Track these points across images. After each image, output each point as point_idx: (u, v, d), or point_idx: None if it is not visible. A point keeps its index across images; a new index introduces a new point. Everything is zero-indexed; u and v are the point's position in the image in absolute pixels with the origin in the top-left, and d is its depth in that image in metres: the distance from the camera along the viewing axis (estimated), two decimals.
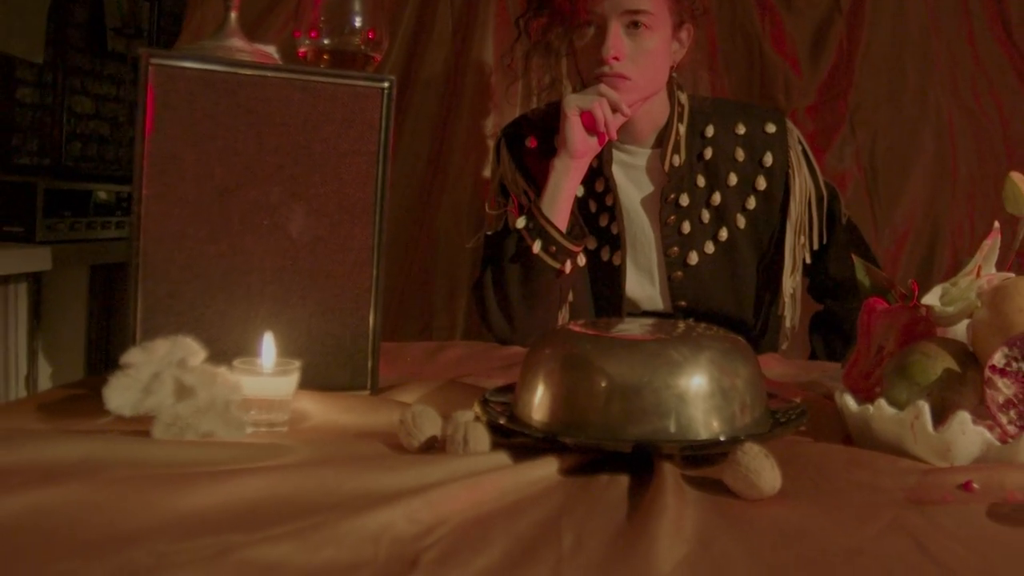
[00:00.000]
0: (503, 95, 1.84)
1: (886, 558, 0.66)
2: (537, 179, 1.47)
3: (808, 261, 1.56)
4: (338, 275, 1.01)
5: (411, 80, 1.94)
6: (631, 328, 0.97)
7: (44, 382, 2.43)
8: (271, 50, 1.03)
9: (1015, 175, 0.96)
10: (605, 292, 1.54)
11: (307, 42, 1.06)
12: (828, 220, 1.57)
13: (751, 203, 1.53)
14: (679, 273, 1.54)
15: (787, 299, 1.55)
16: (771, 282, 1.57)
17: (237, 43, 1.00)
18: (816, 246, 1.56)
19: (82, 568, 0.57)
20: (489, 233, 1.49)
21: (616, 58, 1.36)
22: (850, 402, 0.95)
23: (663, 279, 1.55)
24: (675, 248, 1.53)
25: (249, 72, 0.96)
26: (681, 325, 0.98)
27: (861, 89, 1.98)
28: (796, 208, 1.54)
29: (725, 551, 0.66)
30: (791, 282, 1.55)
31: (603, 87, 1.37)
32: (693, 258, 1.53)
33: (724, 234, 1.54)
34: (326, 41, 1.06)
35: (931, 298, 0.98)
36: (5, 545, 0.60)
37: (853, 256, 1.10)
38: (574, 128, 1.38)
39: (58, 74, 3.01)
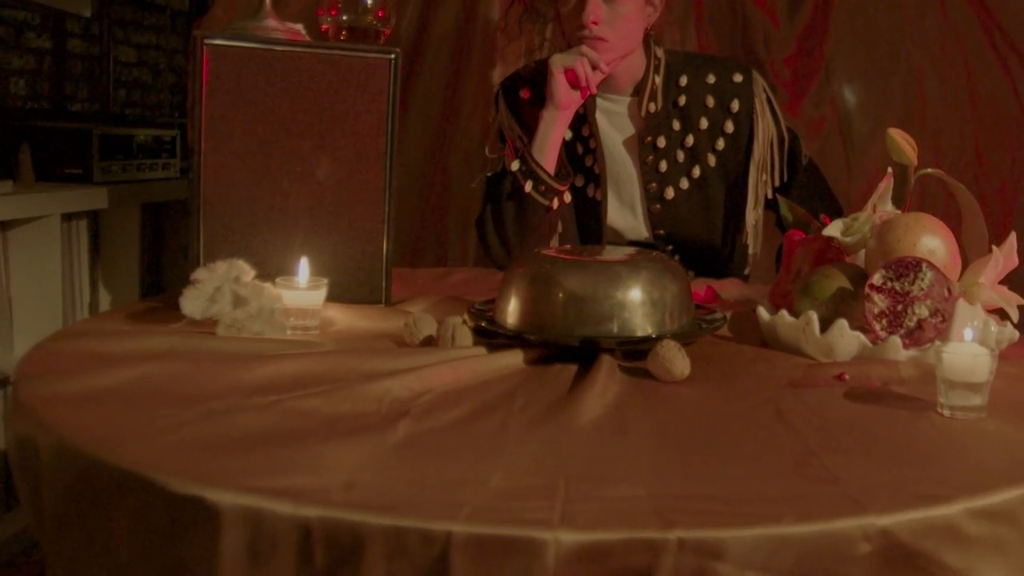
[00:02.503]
0: (505, 51, 2.06)
1: (750, 422, 0.91)
2: (530, 126, 1.70)
3: (771, 196, 1.78)
4: (357, 211, 1.26)
5: (426, 36, 2.16)
6: (593, 253, 1.21)
7: (104, 307, 2.72)
8: (299, 27, 1.26)
9: (892, 131, 1.18)
10: (590, 224, 1.78)
11: (328, 19, 1.29)
12: (790, 160, 1.78)
13: (720, 144, 1.75)
14: (657, 206, 1.77)
15: (750, 229, 1.78)
16: (737, 214, 1.79)
17: (272, 23, 1.23)
18: (778, 183, 1.77)
19: (177, 412, 0.83)
20: (489, 174, 1.72)
21: (595, 23, 1.58)
22: (763, 313, 1.19)
23: (644, 211, 1.78)
24: (653, 184, 1.76)
25: (282, 48, 1.20)
26: (632, 252, 1.21)
27: (836, 40, 2.17)
28: (759, 149, 1.75)
29: (632, 413, 0.91)
30: (754, 215, 1.77)
31: (584, 48, 1.59)
32: (670, 193, 1.76)
33: (696, 172, 1.76)
34: (344, 18, 1.29)
35: (833, 230, 1.21)
36: (125, 400, 0.86)
37: (778, 196, 1.32)
38: (559, 83, 1.61)
39: (103, 26, 3.25)
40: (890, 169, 1.23)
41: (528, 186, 1.64)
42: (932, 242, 1.14)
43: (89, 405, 0.85)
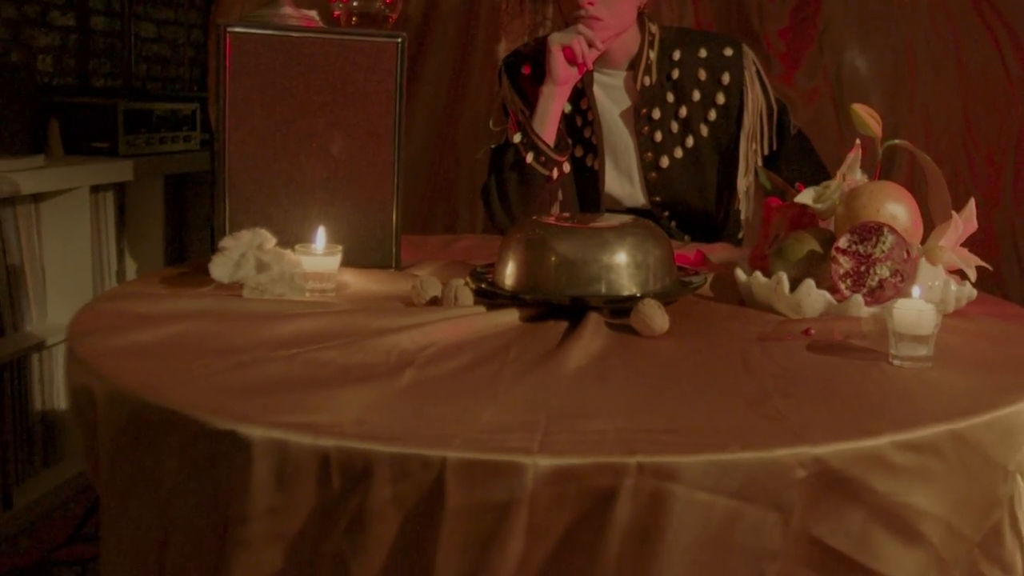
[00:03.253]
0: (509, 28, 2.16)
1: (716, 370, 1.02)
2: (531, 101, 1.80)
3: (761, 164, 1.88)
4: (368, 183, 1.37)
5: (434, 14, 2.26)
6: (586, 220, 1.32)
7: (131, 275, 2.85)
8: (313, 14, 1.37)
9: (856, 106, 1.28)
10: (589, 192, 1.89)
11: (339, 6, 1.39)
12: (779, 130, 1.88)
13: (712, 115, 1.85)
14: (653, 174, 1.87)
15: (742, 196, 1.88)
16: (729, 181, 1.90)
17: (288, 11, 1.34)
18: (767, 151, 1.87)
19: (212, 363, 0.95)
20: (493, 146, 1.83)
21: (590, 3, 1.67)
22: (740, 274, 1.30)
23: (641, 180, 1.88)
24: (649, 153, 1.86)
25: (298, 35, 1.31)
26: (623, 219, 1.32)
27: (829, 13, 2.25)
28: (749, 119, 1.85)
29: (613, 362, 1.02)
30: (744, 182, 1.87)
31: (581, 27, 1.69)
32: (664, 162, 1.86)
33: (690, 141, 1.86)
34: (354, 4, 1.40)
35: (806, 197, 1.31)
36: (166, 353, 0.99)
37: (756, 166, 1.42)
38: (557, 60, 1.71)
39: (125, 2, 3.35)
40: (858, 141, 1.32)
41: (529, 157, 1.74)
42: (895, 208, 1.25)
43: (135, 357, 0.97)
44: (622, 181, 1.89)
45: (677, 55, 1.84)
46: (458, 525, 0.76)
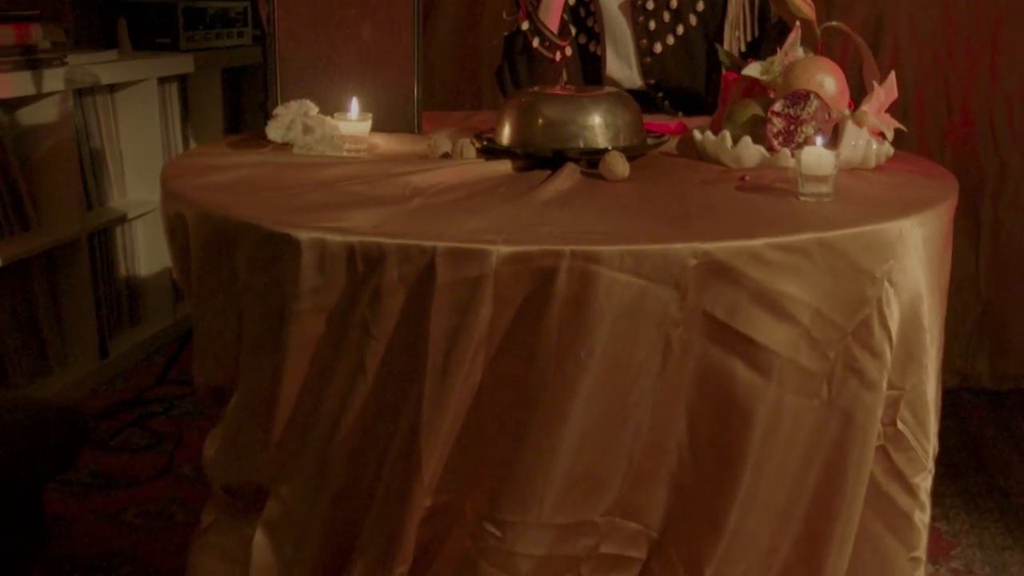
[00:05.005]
0: None
1: (655, 199, 1.31)
2: None
3: (744, 50, 2.12)
4: (393, 63, 1.67)
5: None
6: (574, 91, 1.60)
7: None
8: None
9: None
10: (592, 75, 2.16)
11: None
12: (760, 19, 2.12)
13: (700, 6, 2.09)
14: (648, 59, 2.13)
15: None
16: (716, 65, 2.14)
17: None
18: (750, 38, 2.12)
19: (271, 194, 1.27)
20: (506, 34, 2.10)
21: None
22: (696, 134, 1.58)
23: (637, 64, 2.15)
24: (644, 40, 2.12)
25: None
26: (602, 90, 1.59)
27: None
28: (732, 9, 2.09)
29: (578, 195, 1.32)
30: None
31: None
32: (658, 48, 2.12)
33: (680, 30, 2.11)
34: None
35: (753, 71, 1.57)
36: (237, 188, 1.31)
37: (715, 44, 1.68)
38: None
39: None
40: (798, 23, 1.58)
41: (535, 42, 2.01)
42: (824, 79, 1.51)
43: (215, 191, 1.29)
44: (621, 65, 2.15)
45: None
46: (445, 296, 1.07)
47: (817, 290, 1.16)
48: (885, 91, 1.54)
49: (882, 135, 1.55)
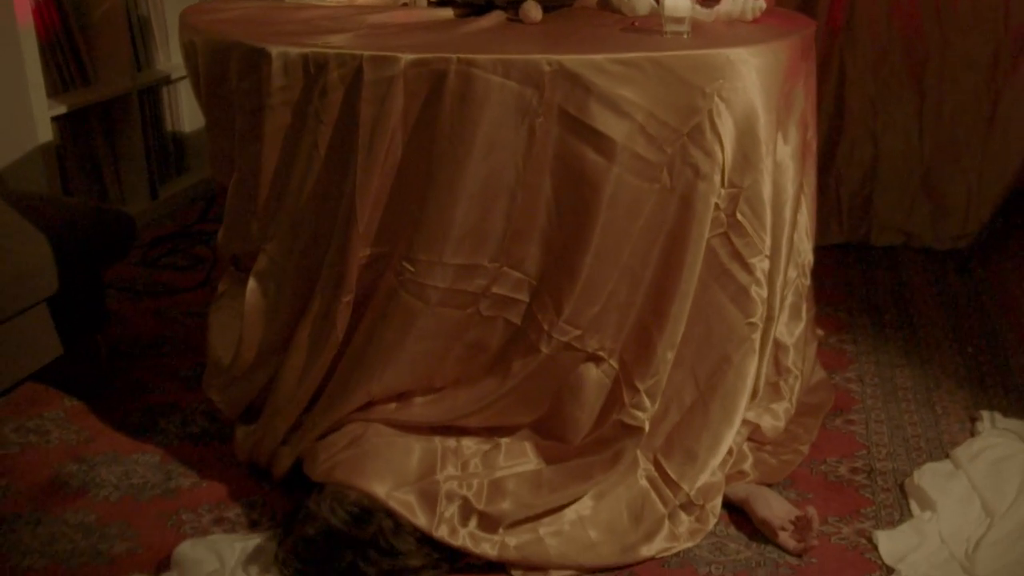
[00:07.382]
0: None
1: (552, 34, 1.71)
2: None
3: None
4: None
5: None
6: None
7: None
8: None
9: None
10: None
11: None
12: None
13: None
14: None
15: None
16: None
17: None
18: None
19: (256, 28, 1.71)
20: None
21: None
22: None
23: None
24: None
25: None
26: None
27: None
28: None
29: (492, 32, 1.73)
30: None
31: None
32: None
33: None
34: None
35: None
36: (237, 22, 1.76)
37: None
38: None
39: None
40: None
41: None
42: None
43: (219, 24, 1.74)
44: None
45: None
46: (370, 90, 1.50)
47: (649, 96, 1.55)
48: None
49: None
